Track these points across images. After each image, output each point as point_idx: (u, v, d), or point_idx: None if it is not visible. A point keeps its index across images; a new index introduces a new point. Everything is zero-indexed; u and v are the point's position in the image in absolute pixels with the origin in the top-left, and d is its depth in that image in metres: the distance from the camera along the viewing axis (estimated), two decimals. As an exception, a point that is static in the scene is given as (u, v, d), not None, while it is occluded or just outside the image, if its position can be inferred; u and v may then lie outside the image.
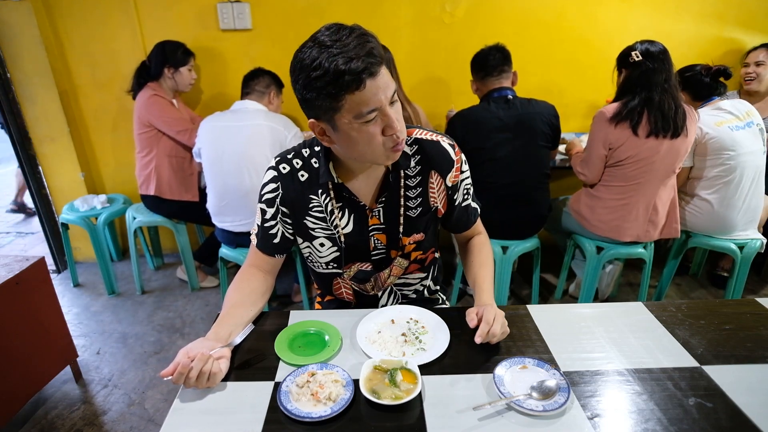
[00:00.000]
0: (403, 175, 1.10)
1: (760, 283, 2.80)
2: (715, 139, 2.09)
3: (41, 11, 2.59)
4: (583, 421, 0.83)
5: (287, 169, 1.10)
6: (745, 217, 2.22)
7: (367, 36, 0.86)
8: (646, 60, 1.91)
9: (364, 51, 0.84)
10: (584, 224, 2.24)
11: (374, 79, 0.86)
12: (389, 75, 0.91)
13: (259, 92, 2.29)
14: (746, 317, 1.12)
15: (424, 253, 1.23)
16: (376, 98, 0.88)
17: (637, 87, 1.93)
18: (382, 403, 0.84)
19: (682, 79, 2.17)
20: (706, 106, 2.18)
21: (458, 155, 1.13)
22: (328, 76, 0.83)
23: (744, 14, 2.71)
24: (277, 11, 2.66)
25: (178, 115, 2.50)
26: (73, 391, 2.03)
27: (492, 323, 0.97)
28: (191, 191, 2.64)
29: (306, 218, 1.13)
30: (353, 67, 0.83)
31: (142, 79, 2.50)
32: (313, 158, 1.09)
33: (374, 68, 0.85)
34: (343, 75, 0.83)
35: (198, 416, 0.86)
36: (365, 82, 0.85)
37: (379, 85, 0.87)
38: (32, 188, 2.90)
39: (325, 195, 1.10)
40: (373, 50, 0.85)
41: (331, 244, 1.15)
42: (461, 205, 1.19)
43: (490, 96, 2.13)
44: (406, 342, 1.03)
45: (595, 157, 2.07)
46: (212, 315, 2.52)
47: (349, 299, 1.28)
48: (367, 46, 0.85)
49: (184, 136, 2.49)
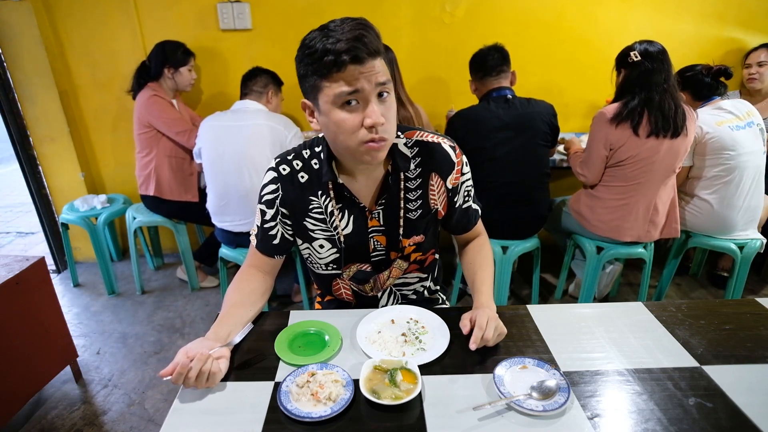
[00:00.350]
0: (403, 177, 1.10)
1: (760, 283, 2.80)
2: (715, 138, 2.09)
3: (41, 11, 2.59)
4: (583, 421, 0.83)
5: (287, 170, 1.09)
6: (745, 217, 2.22)
7: (364, 26, 0.88)
8: (645, 60, 1.91)
9: (352, 35, 0.86)
10: (584, 224, 2.24)
11: (359, 65, 0.88)
12: (384, 69, 0.92)
13: (257, 92, 2.29)
14: (746, 317, 1.12)
15: (424, 255, 1.22)
16: (357, 83, 0.89)
17: (637, 87, 1.93)
18: (382, 403, 0.84)
19: (682, 79, 2.17)
20: (706, 106, 2.18)
21: (459, 157, 1.12)
22: (315, 54, 0.88)
23: (744, 14, 2.71)
24: (277, 11, 2.66)
25: (177, 115, 2.50)
26: (73, 391, 2.03)
27: (485, 327, 0.97)
28: (191, 191, 2.64)
29: (305, 220, 1.13)
30: (337, 47, 0.86)
31: (142, 79, 2.50)
32: (314, 159, 1.09)
33: (359, 53, 0.87)
34: (327, 54, 0.87)
35: (198, 416, 0.86)
36: (347, 64, 0.87)
37: (362, 71, 0.88)
38: (32, 188, 2.90)
39: (325, 196, 1.09)
40: (363, 38, 0.87)
41: (330, 245, 1.15)
42: (462, 207, 1.19)
43: (489, 96, 2.13)
44: (406, 342, 1.03)
45: (595, 158, 2.07)
46: (212, 315, 2.52)
47: (348, 300, 1.28)
48: (359, 33, 0.87)
49: (183, 137, 2.49)
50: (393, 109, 0.96)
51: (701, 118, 2.11)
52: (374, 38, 0.89)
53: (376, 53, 0.89)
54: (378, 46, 0.90)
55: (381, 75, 0.91)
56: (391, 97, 0.95)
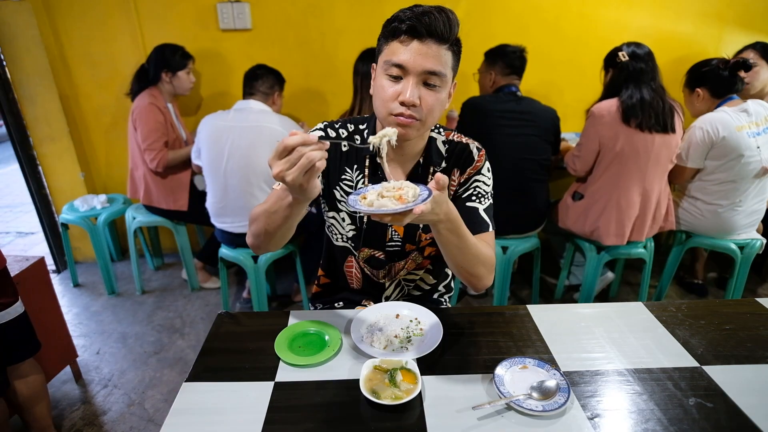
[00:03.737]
0: (432, 172, 1.13)
1: (760, 283, 2.80)
2: (733, 144, 2.04)
3: (41, 11, 2.59)
4: (583, 421, 0.83)
5: (333, 135, 1.14)
6: (747, 220, 2.22)
7: (442, 11, 0.93)
8: (632, 60, 1.99)
9: (423, 12, 0.91)
10: (584, 234, 2.26)
11: (416, 39, 0.93)
12: (441, 59, 0.95)
13: (264, 93, 2.27)
14: (746, 317, 1.12)
15: (438, 251, 1.22)
16: (407, 58, 0.93)
17: (630, 85, 1.99)
18: (382, 403, 0.84)
19: (699, 74, 2.14)
20: (728, 106, 2.09)
21: (481, 158, 1.15)
22: (390, 19, 0.96)
23: (744, 14, 2.71)
24: (277, 11, 2.66)
25: (158, 133, 2.44)
26: (73, 391, 2.03)
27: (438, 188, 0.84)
28: (180, 200, 2.59)
29: (335, 188, 1.16)
30: (404, 15, 0.92)
31: (141, 82, 2.49)
32: (356, 135, 1.14)
33: (419, 27, 0.91)
34: (395, 20, 0.94)
35: (198, 416, 0.86)
36: (405, 35, 0.93)
37: (418, 50, 0.93)
38: (32, 188, 2.90)
39: (358, 172, 1.13)
40: (432, 17, 0.91)
41: (350, 220, 1.18)
42: (465, 203, 1.14)
43: (501, 89, 2.24)
44: (396, 337, 1.03)
45: (587, 152, 2.13)
46: (212, 315, 2.52)
47: (354, 282, 1.29)
48: (431, 12, 0.91)
49: (149, 155, 2.44)
50: (438, 99, 0.99)
51: (720, 119, 2.04)
52: (444, 24, 0.92)
53: (439, 37, 0.93)
54: (444, 32, 0.93)
55: (432, 62, 0.94)
56: (440, 89, 0.98)
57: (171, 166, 2.51)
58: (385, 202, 0.81)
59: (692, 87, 2.18)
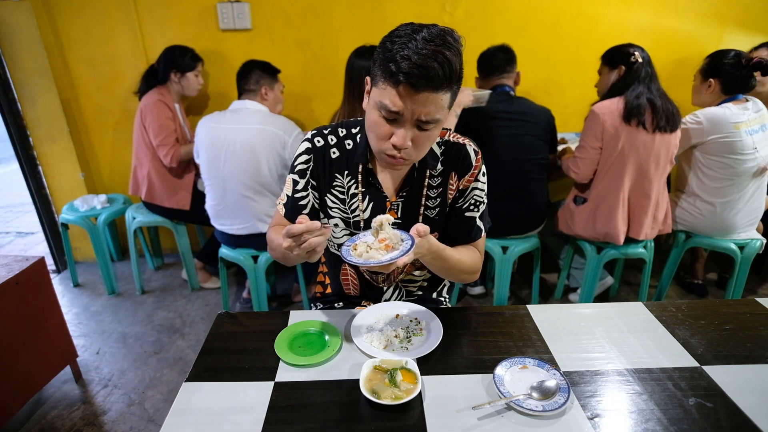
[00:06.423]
0: (428, 175, 1.12)
1: (760, 283, 2.80)
2: (728, 140, 2.05)
3: (41, 11, 2.59)
4: (583, 421, 0.83)
5: (321, 143, 1.13)
6: (746, 219, 2.22)
7: (442, 54, 0.86)
8: (644, 62, 2.01)
9: (424, 58, 0.84)
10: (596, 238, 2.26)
11: (412, 90, 0.87)
12: (438, 105, 0.90)
13: (251, 91, 2.24)
14: (746, 317, 1.12)
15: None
16: (401, 105, 0.89)
17: (640, 85, 1.99)
18: (382, 403, 0.84)
19: (718, 65, 2.10)
20: (732, 103, 2.08)
21: (478, 163, 1.14)
22: (388, 54, 0.88)
23: (744, 14, 2.71)
24: (277, 11, 2.66)
25: (169, 129, 2.47)
26: (73, 391, 2.03)
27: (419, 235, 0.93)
28: (183, 200, 2.61)
29: (327, 195, 1.16)
30: (403, 67, 0.85)
31: (149, 82, 2.51)
32: (348, 140, 1.13)
33: (416, 81, 0.86)
34: (391, 62, 0.87)
35: (198, 416, 0.86)
36: (402, 84, 0.87)
37: (414, 100, 0.88)
38: (32, 188, 2.90)
39: (350, 177, 1.12)
40: (432, 66, 0.85)
41: (344, 226, 1.17)
42: (464, 214, 1.16)
43: (493, 90, 2.21)
44: (396, 337, 1.03)
45: (589, 151, 2.12)
46: (212, 315, 2.52)
47: (351, 290, 1.28)
48: (432, 60, 0.85)
49: (162, 151, 2.47)
50: (430, 138, 0.97)
51: (719, 113, 2.05)
52: (445, 73, 0.87)
53: (437, 86, 0.88)
54: (443, 82, 0.88)
55: (428, 113, 0.90)
56: (434, 128, 0.95)
57: (183, 160, 2.54)
58: (373, 254, 0.92)
59: (706, 76, 2.13)
